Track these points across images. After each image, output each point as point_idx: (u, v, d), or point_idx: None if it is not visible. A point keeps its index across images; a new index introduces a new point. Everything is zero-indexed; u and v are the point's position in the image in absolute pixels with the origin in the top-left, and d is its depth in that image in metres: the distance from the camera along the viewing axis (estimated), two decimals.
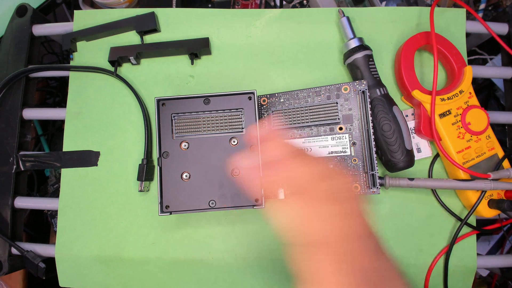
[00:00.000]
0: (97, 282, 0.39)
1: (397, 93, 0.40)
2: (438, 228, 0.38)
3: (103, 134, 0.41)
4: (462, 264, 0.38)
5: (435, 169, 0.39)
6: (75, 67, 0.42)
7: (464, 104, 0.37)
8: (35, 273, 0.39)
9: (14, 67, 0.43)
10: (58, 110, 0.43)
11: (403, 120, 0.36)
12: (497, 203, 0.35)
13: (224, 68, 0.41)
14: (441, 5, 0.52)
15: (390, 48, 0.41)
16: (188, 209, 0.35)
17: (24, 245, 0.41)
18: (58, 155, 0.41)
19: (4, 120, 0.43)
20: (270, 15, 0.42)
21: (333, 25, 0.41)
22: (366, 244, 0.23)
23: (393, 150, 0.35)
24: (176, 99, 0.36)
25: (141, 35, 0.42)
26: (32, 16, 0.44)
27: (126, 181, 0.40)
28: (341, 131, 0.36)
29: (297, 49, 0.41)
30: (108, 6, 0.49)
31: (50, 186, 0.53)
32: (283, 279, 0.38)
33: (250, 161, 0.28)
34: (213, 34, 0.42)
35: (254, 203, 0.35)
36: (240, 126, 0.36)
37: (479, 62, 0.54)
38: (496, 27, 0.42)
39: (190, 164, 0.36)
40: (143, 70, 0.42)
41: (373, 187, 0.34)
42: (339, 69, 0.41)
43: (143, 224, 0.39)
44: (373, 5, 0.50)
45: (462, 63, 0.38)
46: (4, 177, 0.41)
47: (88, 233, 0.40)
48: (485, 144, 0.37)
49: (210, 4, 0.52)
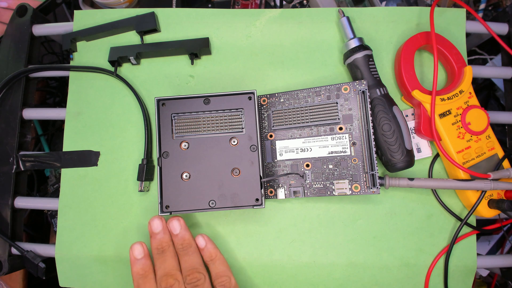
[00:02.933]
0: (97, 282, 0.39)
1: (397, 93, 0.40)
2: (438, 228, 0.38)
3: (103, 134, 0.41)
4: (462, 264, 0.38)
5: (435, 169, 0.39)
6: (75, 67, 0.42)
7: (464, 104, 0.37)
8: (35, 273, 0.39)
9: (14, 67, 0.43)
10: (58, 110, 0.43)
11: (403, 120, 0.36)
12: (497, 203, 0.35)
13: (224, 68, 0.41)
14: (441, 5, 0.52)
15: (390, 48, 0.41)
16: (188, 209, 0.35)
17: (24, 245, 0.41)
18: (58, 155, 0.41)
19: (4, 120, 0.43)
20: (270, 15, 0.42)
21: (333, 25, 0.41)
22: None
23: (393, 150, 0.35)
24: (176, 99, 0.36)
25: (141, 35, 0.42)
26: (32, 16, 0.44)
27: (126, 181, 0.40)
28: (341, 131, 0.36)
29: (297, 49, 0.41)
30: (108, 6, 0.49)
31: (50, 186, 0.53)
32: (283, 279, 0.38)
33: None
34: (213, 34, 0.42)
35: (254, 203, 0.35)
36: (240, 126, 0.36)
37: (479, 62, 0.54)
38: (496, 27, 0.42)
39: (190, 164, 0.36)
40: (143, 70, 0.42)
41: (373, 187, 0.34)
42: (339, 69, 0.41)
43: (143, 224, 0.39)
44: (373, 5, 0.50)
45: (462, 63, 0.38)
46: (4, 177, 0.42)
47: (88, 233, 0.40)
48: (485, 144, 0.37)
49: (210, 4, 0.52)
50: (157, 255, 0.34)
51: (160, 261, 0.33)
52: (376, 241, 0.38)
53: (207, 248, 0.35)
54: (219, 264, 0.34)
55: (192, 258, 0.33)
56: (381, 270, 0.38)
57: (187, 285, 0.32)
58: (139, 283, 0.32)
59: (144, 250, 0.34)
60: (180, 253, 0.34)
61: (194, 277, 0.32)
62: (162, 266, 0.33)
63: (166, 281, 0.31)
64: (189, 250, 0.34)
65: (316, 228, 0.38)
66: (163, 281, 0.32)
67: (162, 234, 0.34)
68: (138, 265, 0.33)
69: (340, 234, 0.38)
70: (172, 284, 0.31)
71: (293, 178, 0.36)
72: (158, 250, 0.34)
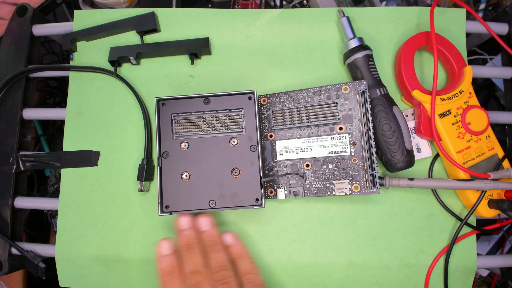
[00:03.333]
0: (97, 282, 0.39)
1: (397, 93, 0.40)
2: (438, 228, 0.38)
3: (103, 134, 0.41)
4: (462, 264, 0.38)
5: (435, 169, 0.39)
6: (75, 67, 0.42)
7: (464, 104, 0.37)
8: (35, 273, 0.39)
9: (14, 67, 0.43)
10: (58, 110, 0.43)
11: (403, 120, 0.36)
12: (497, 203, 0.35)
13: (224, 68, 0.41)
14: (441, 5, 0.52)
15: (390, 48, 0.41)
16: (188, 209, 0.35)
17: (24, 245, 0.41)
18: (58, 155, 0.41)
19: (4, 120, 0.43)
20: (270, 15, 0.42)
21: (333, 25, 0.41)
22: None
23: (393, 150, 0.35)
24: (176, 99, 0.36)
25: (141, 35, 0.42)
26: (32, 16, 0.44)
27: (126, 181, 0.40)
28: (341, 131, 0.36)
29: (297, 49, 0.41)
30: (108, 6, 0.49)
31: (50, 186, 0.53)
32: (283, 279, 0.38)
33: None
34: (213, 34, 0.42)
35: (254, 203, 0.35)
36: (240, 126, 0.36)
37: (479, 62, 0.54)
38: (496, 27, 0.42)
39: (190, 164, 0.36)
40: (143, 70, 0.42)
41: (373, 187, 0.34)
42: (339, 69, 0.41)
43: (143, 224, 0.39)
44: (373, 5, 0.50)
45: (462, 63, 0.38)
46: (4, 177, 0.42)
47: (88, 233, 0.40)
48: (485, 144, 0.37)
49: (210, 4, 0.52)
50: (185, 251, 0.33)
51: (187, 258, 0.32)
52: (376, 241, 0.38)
53: (235, 245, 0.34)
54: (246, 261, 0.33)
55: (220, 255, 0.33)
56: (381, 270, 0.38)
57: (216, 282, 0.31)
58: (166, 280, 0.32)
59: (171, 246, 0.33)
60: (208, 249, 0.33)
61: (222, 274, 0.31)
62: (190, 263, 0.32)
63: (194, 278, 0.31)
64: (217, 247, 0.33)
65: (316, 228, 0.38)
66: (191, 278, 0.31)
67: (189, 231, 0.34)
68: (165, 262, 0.32)
69: (340, 234, 0.38)
70: (199, 281, 0.30)
71: (293, 178, 0.36)
72: (186, 247, 0.33)
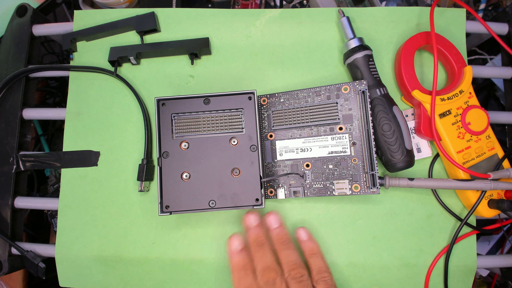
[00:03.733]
0: (97, 282, 0.39)
1: (397, 93, 0.40)
2: (438, 228, 0.38)
3: (103, 134, 0.41)
4: (462, 264, 0.38)
5: (435, 169, 0.39)
6: (75, 67, 0.42)
7: (464, 104, 0.37)
8: (35, 273, 0.39)
9: (14, 67, 0.43)
10: (58, 110, 0.43)
11: (403, 120, 0.36)
12: (497, 203, 0.35)
13: (224, 68, 0.41)
14: (441, 5, 0.52)
15: (390, 48, 0.41)
16: (188, 209, 0.35)
17: (24, 245, 0.41)
18: (58, 155, 0.41)
19: (4, 120, 0.43)
20: (270, 15, 0.42)
21: (333, 25, 0.41)
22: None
23: (393, 150, 0.35)
24: (176, 99, 0.36)
25: (141, 35, 0.42)
26: (32, 16, 0.44)
27: (126, 181, 0.40)
28: (341, 131, 0.36)
29: (297, 49, 0.41)
30: (108, 6, 0.49)
31: (50, 186, 0.53)
32: None
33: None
34: (213, 34, 0.42)
35: (254, 203, 0.35)
36: (240, 126, 0.36)
37: (479, 62, 0.54)
38: (496, 27, 0.42)
39: (190, 164, 0.36)
40: (143, 70, 0.42)
41: (373, 187, 0.34)
42: (339, 69, 0.41)
43: (143, 224, 0.39)
44: (373, 5, 0.50)
45: (462, 63, 0.38)
46: (4, 177, 0.42)
47: (88, 233, 0.40)
48: (485, 144, 0.37)
49: (210, 4, 0.52)
50: (256, 247, 0.32)
51: (259, 254, 0.32)
52: (376, 241, 0.38)
53: (309, 241, 0.34)
54: (320, 259, 0.33)
55: (293, 252, 0.32)
56: (381, 270, 0.38)
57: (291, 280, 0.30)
58: (240, 275, 0.31)
59: (243, 242, 0.33)
60: (280, 247, 0.33)
61: (298, 272, 0.31)
62: (262, 260, 0.31)
63: (268, 275, 0.30)
64: (289, 244, 0.33)
65: (316, 228, 0.38)
66: (264, 275, 0.30)
67: (259, 228, 0.33)
68: (238, 257, 0.32)
69: (340, 234, 0.38)
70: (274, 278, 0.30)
71: (293, 178, 0.36)
72: (257, 243, 0.32)
